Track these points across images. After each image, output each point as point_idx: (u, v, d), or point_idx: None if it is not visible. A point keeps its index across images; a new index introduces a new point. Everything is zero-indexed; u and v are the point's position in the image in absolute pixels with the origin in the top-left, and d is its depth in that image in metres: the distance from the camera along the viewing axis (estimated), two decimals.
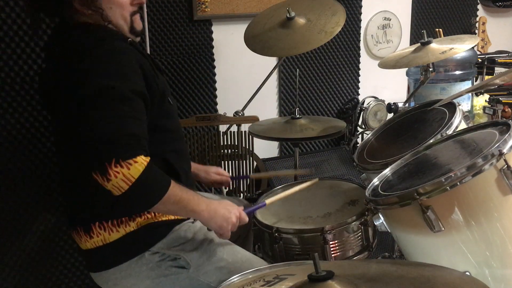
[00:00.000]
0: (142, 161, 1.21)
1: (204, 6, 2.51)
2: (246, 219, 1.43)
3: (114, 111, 1.22)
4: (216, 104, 2.67)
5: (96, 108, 1.22)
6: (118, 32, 1.43)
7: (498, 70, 2.97)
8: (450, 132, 1.54)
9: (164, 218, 1.45)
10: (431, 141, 1.54)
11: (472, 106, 2.69)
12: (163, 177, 1.28)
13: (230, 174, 2.36)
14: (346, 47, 2.97)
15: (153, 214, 1.43)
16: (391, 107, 2.15)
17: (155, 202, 1.26)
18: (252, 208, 1.54)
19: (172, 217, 1.47)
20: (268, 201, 1.58)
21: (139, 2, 1.47)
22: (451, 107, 1.68)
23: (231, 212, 1.39)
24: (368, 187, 1.45)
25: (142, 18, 1.61)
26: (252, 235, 1.84)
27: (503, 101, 2.62)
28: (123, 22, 1.44)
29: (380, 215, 1.39)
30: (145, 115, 1.31)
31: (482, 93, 2.82)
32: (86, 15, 1.38)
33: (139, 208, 1.36)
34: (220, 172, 1.83)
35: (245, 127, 2.30)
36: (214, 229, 1.39)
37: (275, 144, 2.91)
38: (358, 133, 2.90)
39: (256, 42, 2.14)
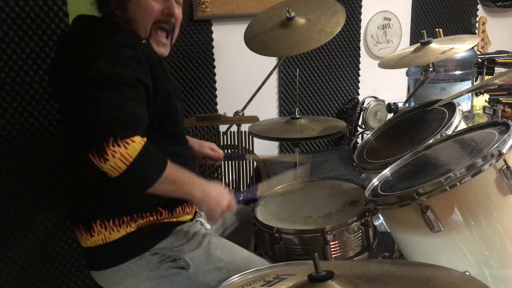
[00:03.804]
0: (140, 140, 1.22)
1: (204, 6, 2.52)
2: (235, 207, 1.44)
3: (118, 93, 1.24)
4: (216, 104, 2.67)
5: (102, 89, 1.23)
6: (135, 34, 1.43)
7: (498, 70, 2.97)
8: (449, 132, 1.54)
9: (165, 220, 1.45)
10: (431, 141, 1.54)
11: (472, 106, 2.69)
12: (160, 157, 1.29)
13: (230, 174, 2.37)
14: (346, 47, 2.97)
15: (154, 216, 1.43)
16: (391, 107, 2.16)
17: (153, 182, 1.26)
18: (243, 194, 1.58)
19: (173, 219, 1.47)
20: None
21: (169, 13, 1.44)
22: (451, 107, 1.68)
23: (223, 196, 1.40)
24: (368, 187, 1.45)
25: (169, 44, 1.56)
26: (253, 241, 1.85)
27: (503, 101, 2.62)
28: (142, 33, 1.44)
29: (380, 215, 1.39)
30: (146, 102, 1.32)
31: (482, 93, 2.83)
32: (116, 15, 1.42)
33: (137, 189, 1.33)
34: (214, 148, 1.83)
35: (245, 127, 2.30)
36: (205, 210, 1.39)
37: (275, 144, 2.92)
38: (358, 133, 2.90)
39: (256, 42, 2.14)
